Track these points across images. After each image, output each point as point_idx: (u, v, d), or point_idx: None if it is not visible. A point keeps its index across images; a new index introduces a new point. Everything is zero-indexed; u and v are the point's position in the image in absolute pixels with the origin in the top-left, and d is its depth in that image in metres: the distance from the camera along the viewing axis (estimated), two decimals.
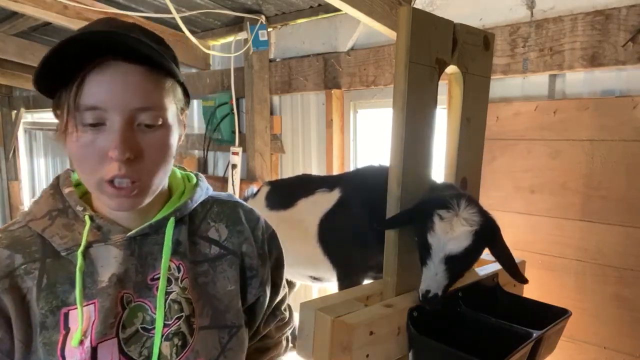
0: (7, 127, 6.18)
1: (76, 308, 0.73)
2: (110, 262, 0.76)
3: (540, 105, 1.77)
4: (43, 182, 6.11)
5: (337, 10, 2.36)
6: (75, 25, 2.66)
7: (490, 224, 1.04)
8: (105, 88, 0.69)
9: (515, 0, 1.85)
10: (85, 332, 0.72)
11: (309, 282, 2.01)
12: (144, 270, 0.79)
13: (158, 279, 0.79)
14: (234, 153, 3.01)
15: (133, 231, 0.78)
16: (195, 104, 3.59)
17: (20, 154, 6.25)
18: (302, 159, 2.87)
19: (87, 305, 0.74)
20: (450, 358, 0.91)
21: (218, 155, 3.39)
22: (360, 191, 1.71)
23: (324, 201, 1.78)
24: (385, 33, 2.06)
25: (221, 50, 3.16)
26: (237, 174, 2.99)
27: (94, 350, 0.72)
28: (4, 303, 0.72)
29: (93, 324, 0.73)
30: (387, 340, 0.96)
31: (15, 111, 5.96)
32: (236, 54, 2.91)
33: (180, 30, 2.47)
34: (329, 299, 1.02)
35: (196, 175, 0.91)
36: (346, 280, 1.75)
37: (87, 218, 0.77)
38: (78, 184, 0.83)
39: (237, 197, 0.96)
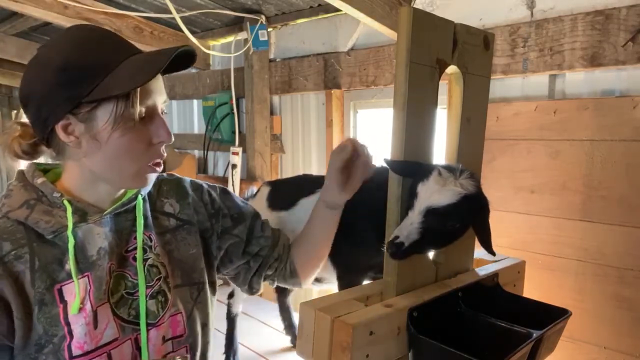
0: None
1: (68, 283, 0.83)
2: (94, 238, 0.87)
3: (540, 105, 1.77)
4: None
5: (337, 10, 2.36)
6: None
7: (482, 198, 1.02)
8: (156, 87, 0.87)
9: (515, 0, 1.85)
10: (83, 300, 0.83)
11: (309, 284, 2.00)
12: (121, 244, 0.91)
13: (132, 250, 0.92)
14: (234, 153, 3.01)
15: (109, 209, 0.90)
16: (195, 104, 3.59)
17: None
18: (302, 159, 2.87)
19: (81, 278, 0.84)
20: (450, 358, 0.91)
21: (218, 155, 3.40)
22: (360, 191, 1.71)
23: None
24: (385, 33, 2.06)
25: (221, 50, 3.16)
26: (237, 174, 2.99)
27: (94, 314, 0.83)
28: (2, 289, 0.78)
29: (90, 292, 0.84)
30: (387, 340, 0.96)
31: (15, 111, 5.96)
32: (236, 54, 2.91)
33: (180, 30, 2.47)
34: (329, 299, 1.02)
35: None
36: (346, 279, 1.74)
37: (66, 202, 0.86)
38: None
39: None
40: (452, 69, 1.12)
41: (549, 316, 1.04)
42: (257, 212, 1.19)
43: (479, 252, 1.36)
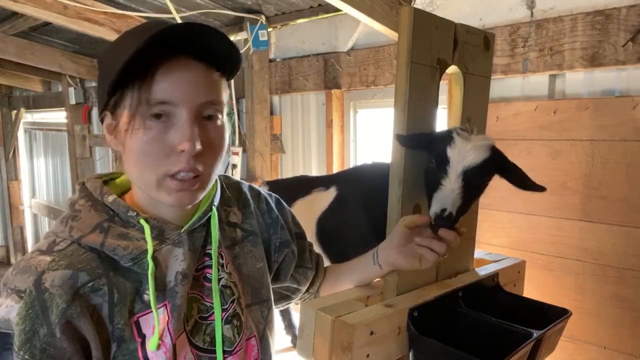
0: (7, 127, 6.19)
1: (146, 314, 0.74)
2: (172, 261, 0.78)
3: (540, 105, 1.77)
4: (43, 182, 6.10)
5: (337, 10, 2.36)
6: (76, 25, 2.65)
7: (496, 147, 1.03)
8: (175, 84, 0.71)
9: (515, 0, 1.85)
10: (162, 334, 0.74)
11: None
12: (193, 264, 0.81)
13: (202, 269, 0.83)
14: (234, 153, 3.01)
15: (187, 225, 0.80)
16: None
17: (20, 154, 6.26)
18: (302, 159, 2.87)
19: (159, 307, 0.75)
20: (450, 358, 0.91)
21: None
22: (355, 189, 1.71)
23: (321, 200, 1.79)
24: (385, 33, 2.06)
25: None
26: (237, 174, 2.99)
27: (174, 347, 0.74)
28: (81, 327, 0.68)
29: (168, 323, 0.75)
30: (387, 340, 0.96)
31: (15, 111, 5.96)
32: None
33: None
34: (329, 299, 1.02)
35: None
36: None
37: (143, 222, 0.76)
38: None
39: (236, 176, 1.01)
40: (452, 69, 1.12)
41: (549, 316, 1.04)
42: (304, 232, 1.10)
43: (479, 252, 1.37)
